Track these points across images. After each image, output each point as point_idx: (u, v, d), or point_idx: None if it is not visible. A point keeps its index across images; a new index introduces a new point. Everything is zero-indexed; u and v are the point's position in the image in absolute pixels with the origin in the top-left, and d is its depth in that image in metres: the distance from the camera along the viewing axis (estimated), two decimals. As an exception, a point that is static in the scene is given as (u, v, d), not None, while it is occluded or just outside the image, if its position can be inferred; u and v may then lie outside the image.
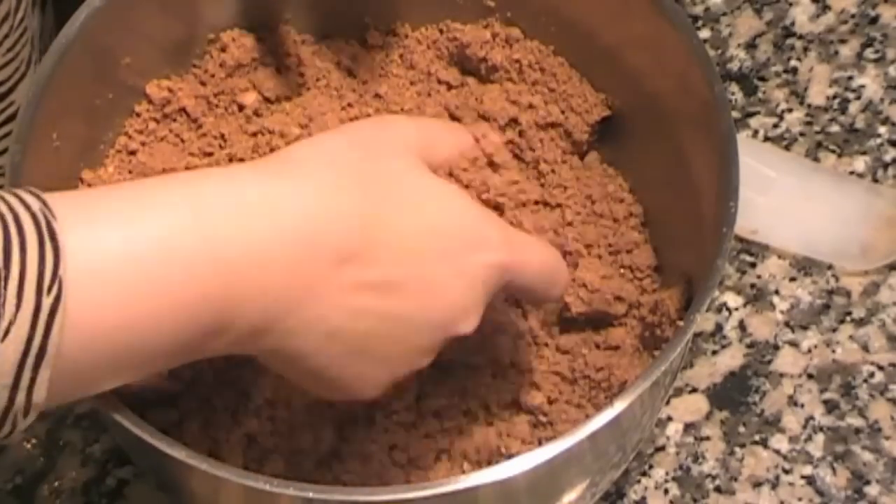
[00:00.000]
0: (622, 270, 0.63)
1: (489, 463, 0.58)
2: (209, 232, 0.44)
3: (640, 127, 0.66)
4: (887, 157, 0.76)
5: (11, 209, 0.41)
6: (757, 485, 0.66)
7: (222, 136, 0.65)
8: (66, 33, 0.59)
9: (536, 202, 0.63)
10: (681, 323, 0.54)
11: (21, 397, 0.41)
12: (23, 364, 0.40)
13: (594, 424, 0.49)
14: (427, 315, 0.49)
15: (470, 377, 0.61)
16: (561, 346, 0.62)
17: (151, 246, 0.43)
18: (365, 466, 0.58)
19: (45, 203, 0.42)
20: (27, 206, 0.41)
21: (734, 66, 0.80)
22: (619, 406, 0.49)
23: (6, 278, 0.39)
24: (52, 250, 0.40)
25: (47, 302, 0.40)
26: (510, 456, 0.57)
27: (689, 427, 0.68)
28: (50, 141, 0.59)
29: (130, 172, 0.64)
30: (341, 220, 0.46)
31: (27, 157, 0.57)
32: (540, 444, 0.58)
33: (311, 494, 0.49)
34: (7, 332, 0.39)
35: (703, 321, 0.71)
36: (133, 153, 0.65)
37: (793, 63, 0.80)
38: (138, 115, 0.65)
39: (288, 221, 0.45)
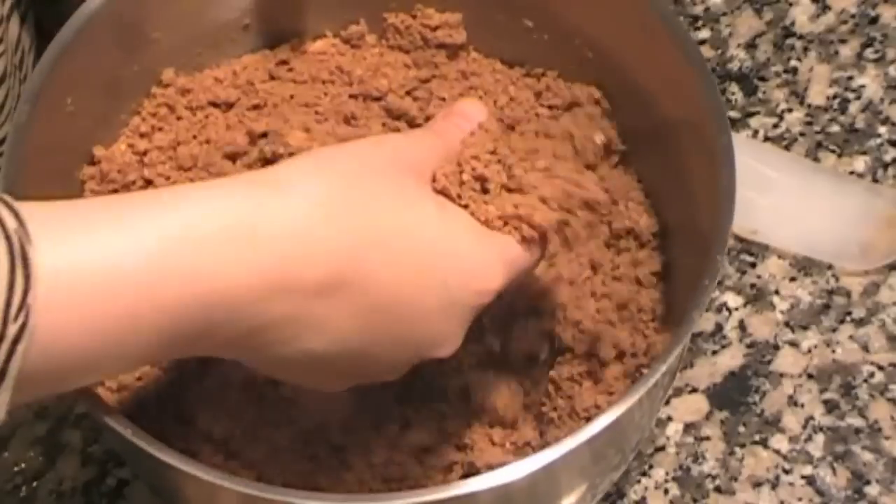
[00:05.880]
0: (625, 313, 0.62)
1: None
2: (180, 261, 0.42)
3: (641, 140, 0.65)
4: (887, 157, 0.76)
5: None
6: (757, 485, 0.66)
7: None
8: (91, 1, 0.59)
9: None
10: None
11: None
12: None
13: (593, 428, 0.49)
14: (408, 342, 0.48)
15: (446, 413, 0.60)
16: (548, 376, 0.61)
17: (125, 272, 0.41)
18: (369, 472, 0.58)
19: (21, 223, 0.40)
20: (2, 225, 0.39)
21: (734, 66, 0.80)
22: (617, 410, 0.49)
23: None
24: (22, 277, 0.39)
25: (12, 329, 0.38)
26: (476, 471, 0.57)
27: (689, 427, 0.68)
28: (63, 105, 0.59)
29: (138, 154, 0.64)
30: (327, 252, 0.45)
31: (36, 120, 0.56)
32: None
33: (309, 503, 0.48)
34: None
35: (703, 321, 0.71)
36: (144, 136, 0.65)
37: (793, 63, 0.80)
38: (154, 97, 0.65)
39: (266, 251, 0.43)
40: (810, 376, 0.69)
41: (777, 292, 0.72)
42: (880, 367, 0.69)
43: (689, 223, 0.60)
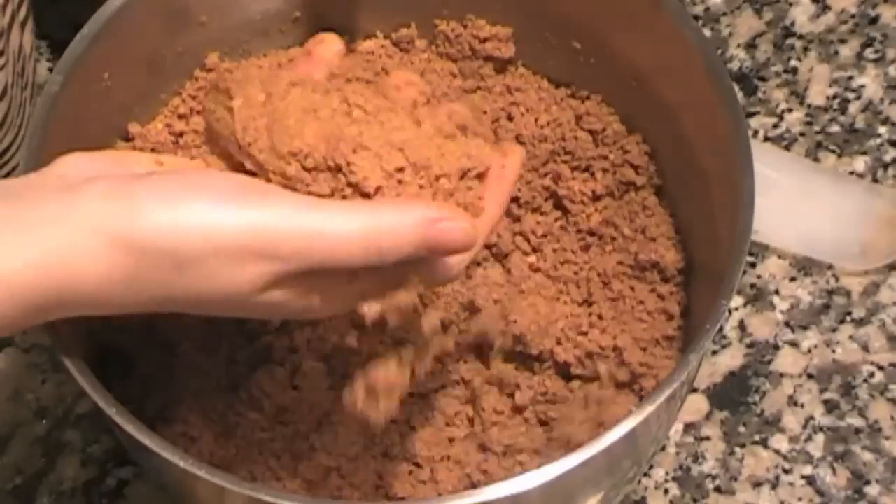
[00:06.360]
0: (643, 344, 0.61)
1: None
2: (48, 272, 0.43)
3: (676, 176, 0.65)
4: (887, 157, 0.76)
5: None
6: (757, 485, 0.66)
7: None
8: None
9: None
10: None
11: None
12: None
13: (609, 438, 0.48)
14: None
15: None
16: (544, 385, 0.61)
17: None
18: (377, 479, 0.58)
19: None
20: None
21: (734, 66, 0.80)
22: (632, 421, 0.48)
23: None
24: None
25: None
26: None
27: (689, 427, 0.68)
28: (100, 79, 0.59)
29: (174, 135, 0.64)
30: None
31: (69, 91, 0.56)
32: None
33: None
34: None
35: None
36: (182, 117, 0.64)
37: (793, 63, 0.80)
38: (196, 79, 0.65)
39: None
40: (810, 376, 0.69)
41: (777, 292, 0.72)
42: (880, 367, 0.69)
43: (712, 262, 0.59)
